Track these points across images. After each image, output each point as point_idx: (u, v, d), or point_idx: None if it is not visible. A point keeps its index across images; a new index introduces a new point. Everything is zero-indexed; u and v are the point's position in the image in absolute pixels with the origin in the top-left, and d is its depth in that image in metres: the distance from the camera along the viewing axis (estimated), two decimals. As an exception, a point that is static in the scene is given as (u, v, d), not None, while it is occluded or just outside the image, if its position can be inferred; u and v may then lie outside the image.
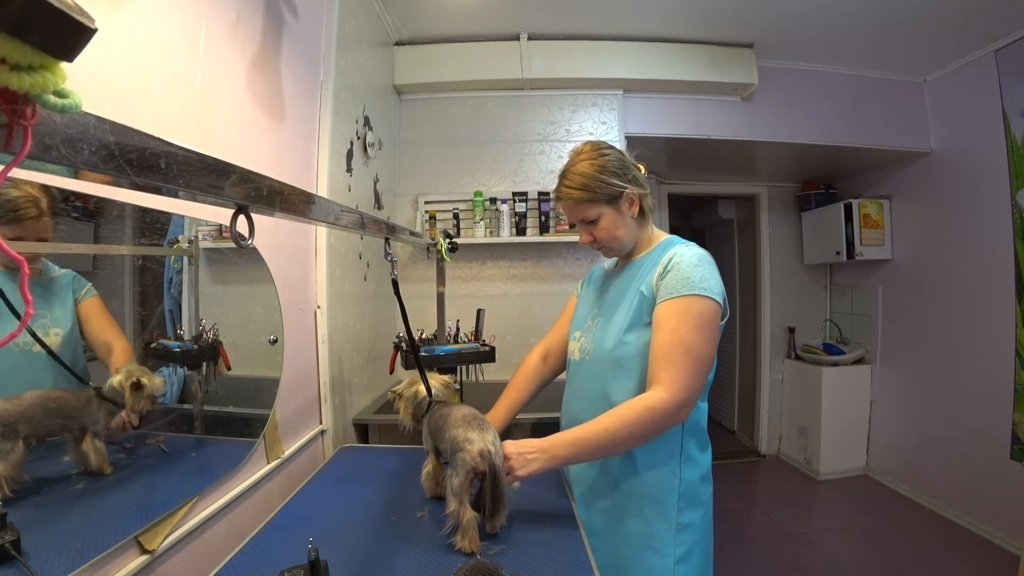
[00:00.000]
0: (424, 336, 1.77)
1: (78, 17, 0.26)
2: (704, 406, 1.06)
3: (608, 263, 1.24)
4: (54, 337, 0.77)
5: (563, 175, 1.06)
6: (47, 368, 0.75)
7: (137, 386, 0.84)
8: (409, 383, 1.17)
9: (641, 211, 1.06)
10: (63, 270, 0.81)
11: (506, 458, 0.92)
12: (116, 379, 0.83)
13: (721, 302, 0.96)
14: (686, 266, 0.96)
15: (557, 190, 1.07)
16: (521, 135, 2.64)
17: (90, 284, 0.83)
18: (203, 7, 1.02)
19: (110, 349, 0.85)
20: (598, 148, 1.05)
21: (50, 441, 0.78)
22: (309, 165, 1.56)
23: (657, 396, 0.90)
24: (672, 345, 0.92)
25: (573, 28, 2.46)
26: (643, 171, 1.08)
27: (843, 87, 2.76)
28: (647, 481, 1.00)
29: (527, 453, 0.93)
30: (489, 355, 1.69)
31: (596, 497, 1.06)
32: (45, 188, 0.69)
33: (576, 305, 1.26)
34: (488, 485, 0.90)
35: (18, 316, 0.61)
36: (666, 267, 0.98)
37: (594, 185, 1.01)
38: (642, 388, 0.97)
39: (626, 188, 1.02)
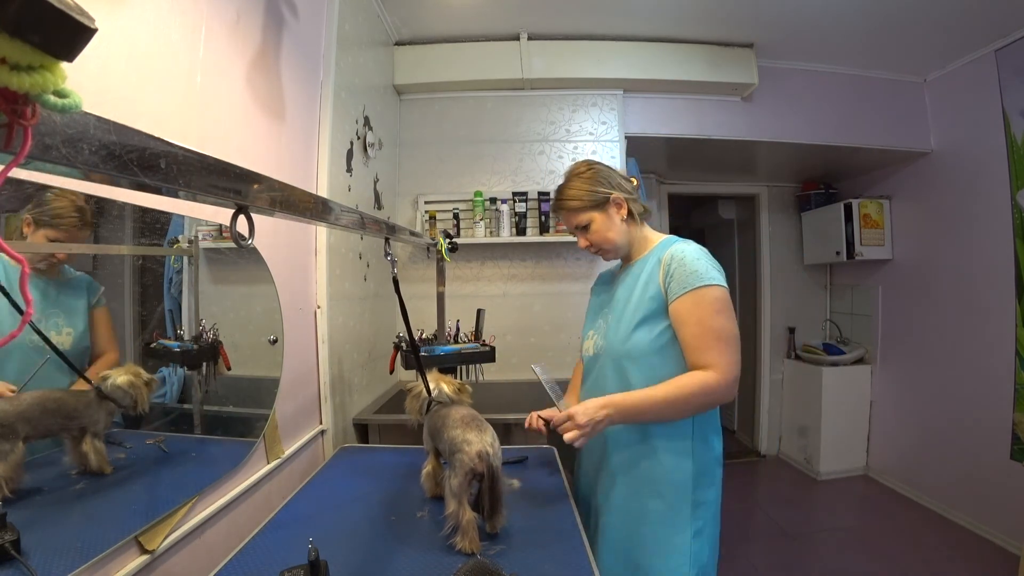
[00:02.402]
0: (424, 336, 1.77)
1: (78, 17, 0.26)
2: None
3: (611, 266, 1.32)
4: (66, 336, 0.78)
5: (559, 190, 1.19)
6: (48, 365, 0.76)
7: (146, 384, 0.86)
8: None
9: (630, 214, 1.15)
10: (78, 272, 0.83)
11: (575, 420, 0.96)
12: (122, 379, 0.83)
13: (726, 286, 1.05)
14: (690, 261, 1.04)
15: (553, 204, 1.21)
16: (521, 135, 2.64)
17: (103, 290, 0.85)
18: (203, 7, 1.01)
19: (100, 357, 0.86)
20: (590, 165, 1.18)
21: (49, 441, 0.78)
22: (309, 165, 1.56)
23: (711, 375, 0.99)
24: (703, 335, 1.01)
25: (573, 28, 2.45)
26: (634, 183, 1.21)
27: (843, 87, 2.76)
28: (664, 462, 1.07)
29: (595, 417, 0.97)
30: (489, 355, 1.69)
31: (614, 477, 1.12)
32: (88, 198, 0.74)
33: (588, 308, 1.35)
34: (487, 486, 0.90)
35: (22, 313, 0.61)
36: (669, 264, 1.06)
37: (581, 194, 1.14)
38: (653, 377, 1.05)
39: (611, 193, 1.13)
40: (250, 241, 0.56)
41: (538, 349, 2.63)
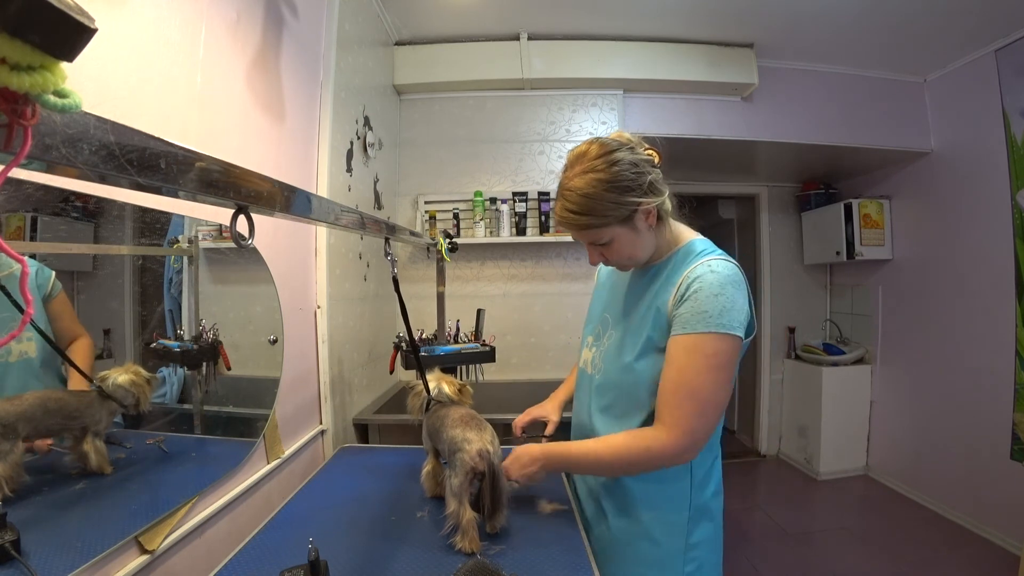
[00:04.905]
0: (424, 336, 1.77)
1: (78, 17, 0.26)
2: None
3: None
4: (27, 344, 0.72)
5: (562, 190, 0.88)
6: (37, 374, 0.74)
7: (148, 383, 0.86)
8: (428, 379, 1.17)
9: (658, 217, 0.91)
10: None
11: (508, 472, 0.95)
12: (124, 378, 0.83)
13: (742, 334, 0.85)
14: (705, 296, 0.84)
15: (557, 212, 0.91)
16: (521, 135, 2.64)
17: (54, 275, 0.74)
18: (203, 7, 1.02)
19: (73, 346, 0.79)
20: (607, 154, 0.86)
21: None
22: (309, 165, 1.56)
23: (658, 438, 0.86)
24: (678, 387, 0.85)
25: (573, 28, 2.45)
26: (657, 160, 0.90)
27: (843, 87, 2.76)
28: (657, 503, 0.96)
29: (526, 465, 0.96)
30: (489, 355, 1.69)
31: (608, 516, 1.01)
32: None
33: (592, 298, 1.17)
34: (487, 485, 0.90)
35: (21, 310, 0.61)
36: (684, 293, 0.86)
37: (602, 208, 0.85)
38: (651, 421, 0.91)
39: (641, 202, 0.86)
40: (250, 241, 0.56)
41: (538, 349, 2.63)
